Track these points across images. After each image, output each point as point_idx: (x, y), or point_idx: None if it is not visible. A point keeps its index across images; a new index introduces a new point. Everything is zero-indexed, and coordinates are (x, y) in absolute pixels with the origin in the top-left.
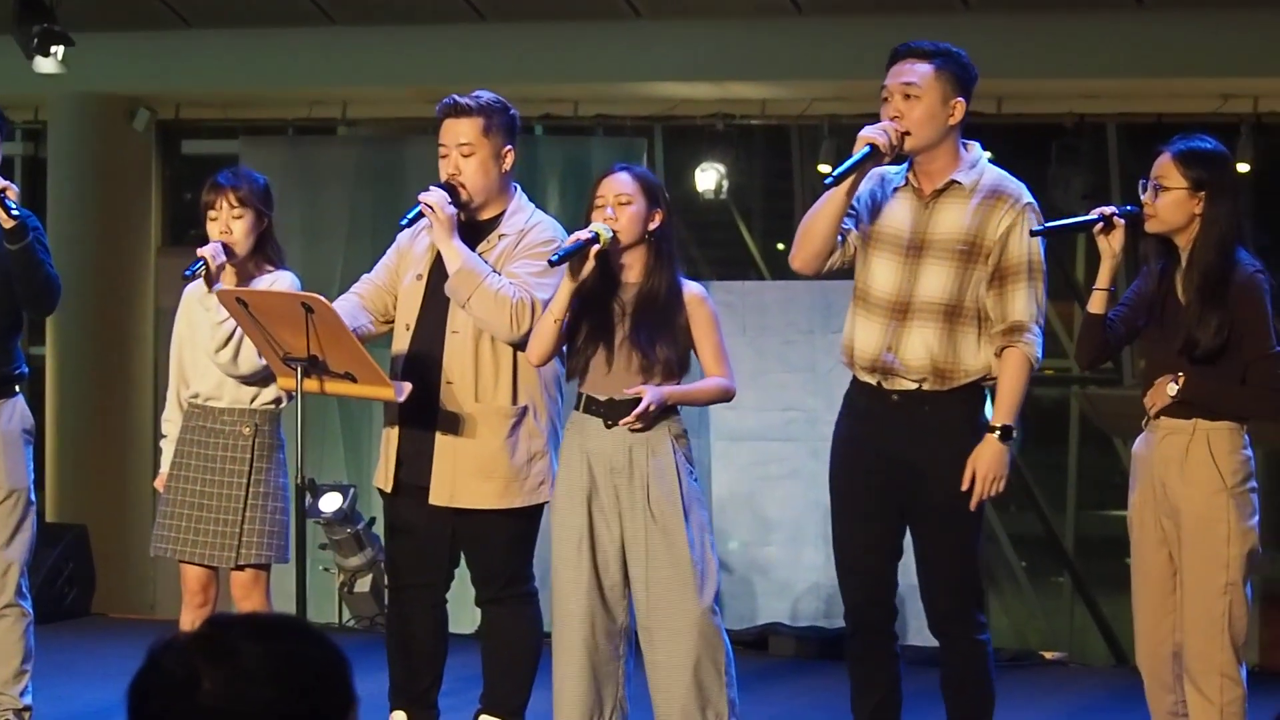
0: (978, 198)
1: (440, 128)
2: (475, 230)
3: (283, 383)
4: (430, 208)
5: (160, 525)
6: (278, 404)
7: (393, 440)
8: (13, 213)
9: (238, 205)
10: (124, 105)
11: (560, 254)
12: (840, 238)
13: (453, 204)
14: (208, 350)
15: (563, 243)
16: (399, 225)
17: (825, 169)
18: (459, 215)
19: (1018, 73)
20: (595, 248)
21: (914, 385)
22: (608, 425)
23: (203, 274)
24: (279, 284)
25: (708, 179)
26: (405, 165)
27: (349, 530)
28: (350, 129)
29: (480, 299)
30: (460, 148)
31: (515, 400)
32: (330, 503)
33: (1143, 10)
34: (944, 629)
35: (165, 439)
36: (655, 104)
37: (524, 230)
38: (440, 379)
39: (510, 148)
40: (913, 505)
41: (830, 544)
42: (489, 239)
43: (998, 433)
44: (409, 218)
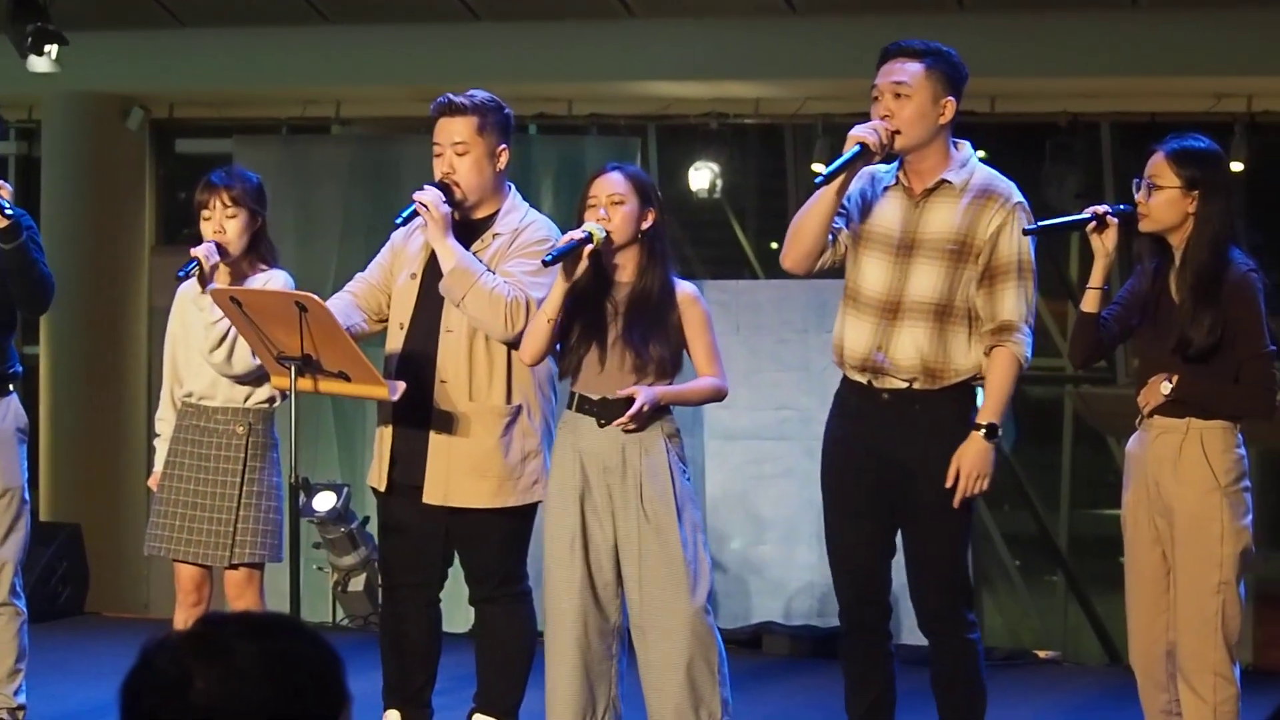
0: (968, 197)
1: (435, 126)
2: (470, 229)
3: (276, 381)
4: (425, 206)
5: (154, 524)
6: (271, 403)
7: (386, 439)
8: (6, 212)
9: (231, 204)
10: (118, 104)
11: (554, 254)
12: (831, 237)
13: (447, 203)
14: (202, 350)
15: (556, 242)
16: (394, 223)
17: (819, 168)
18: (453, 214)
19: (1012, 71)
20: (589, 248)
21: (904, 384)
22: (600, 424)
23: (196, 274)
24: (273, 283)
25: (702, 178)
26: (399, 164)
27: (343, 529)
28: (344, 128)
29: (475, 298)
30: (455, 146)
31: (509, 399)
32: (324, 502)
33: (1136, 9)
34: (934, 628)
35: (159, 438)
36: (649, 103)
37: (518, 229)
38: (434, 378)
39: (505, 147)
40: (903, 504)
41: (824, 543)
42: (483, 238)
43: (983, 431)
44: (404, 216)
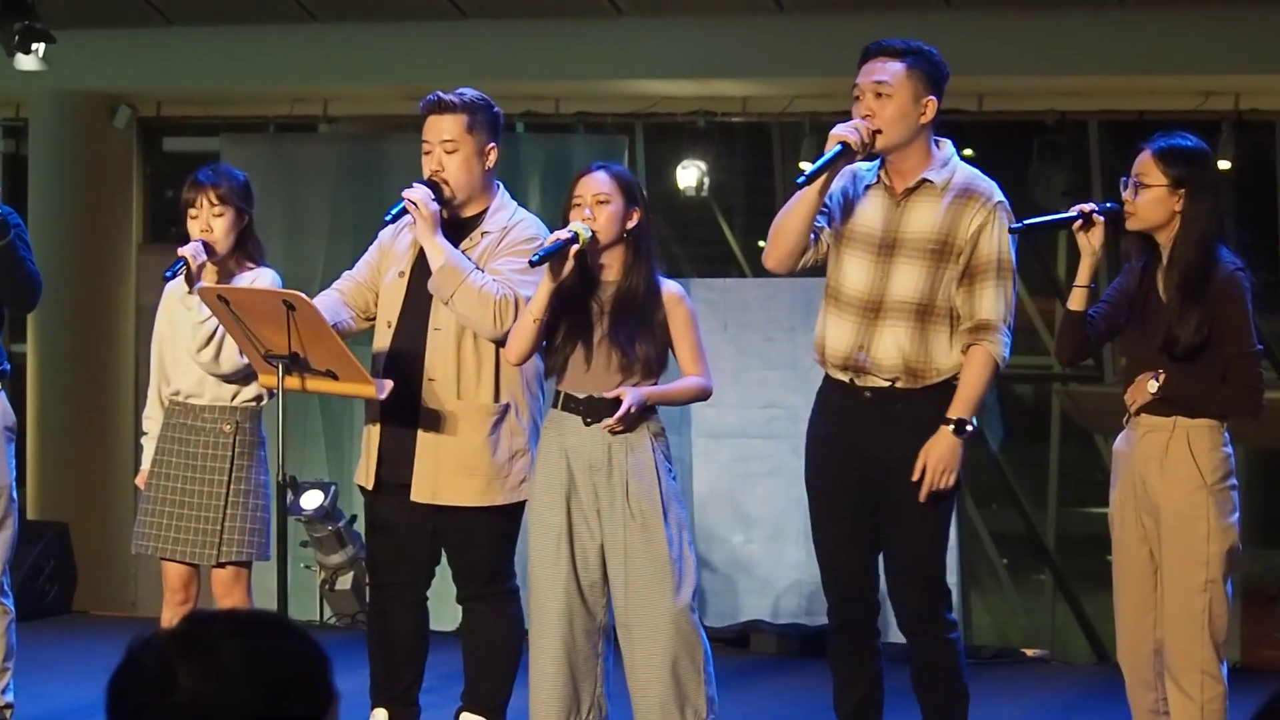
0: (949, 196)
1: (424, 124)
2: (458, 227)
3: (264, 380)
4: (414, 204)
5: (141, 523)
6: (259, 401)
7: (374, 437)
8: None
9: (218, 203)
10: (105, 102)
11: (540, 255)
12: (813, 236)
13: (436, 200)
14: (189, 349)
15: (543, 243)
16: (383, 221)
17: (806, 166)
18: (442, 212)
19: (999, 70)
20: (575, 248)
21: (886, 383)
22: (586, 423)
23: (184, 273)
24: (260, 281)
25: (689, 176)
26: (387, 163)
27: (330, 528)
28: (332, 126)
29: (463, 295)
30: (444, 144)
31: (497, 398)
32: (311, 500)
33: (1124, 8)
34: (915, 628)
35: (146, 436)
36: (636, 101)
37: (507, 228)
38: (422, 376)
39: (494, 145)
40: (885, 502)
41: (811, 541)
42: (472, 236)
43: (952, 426)
44: (393, 213)
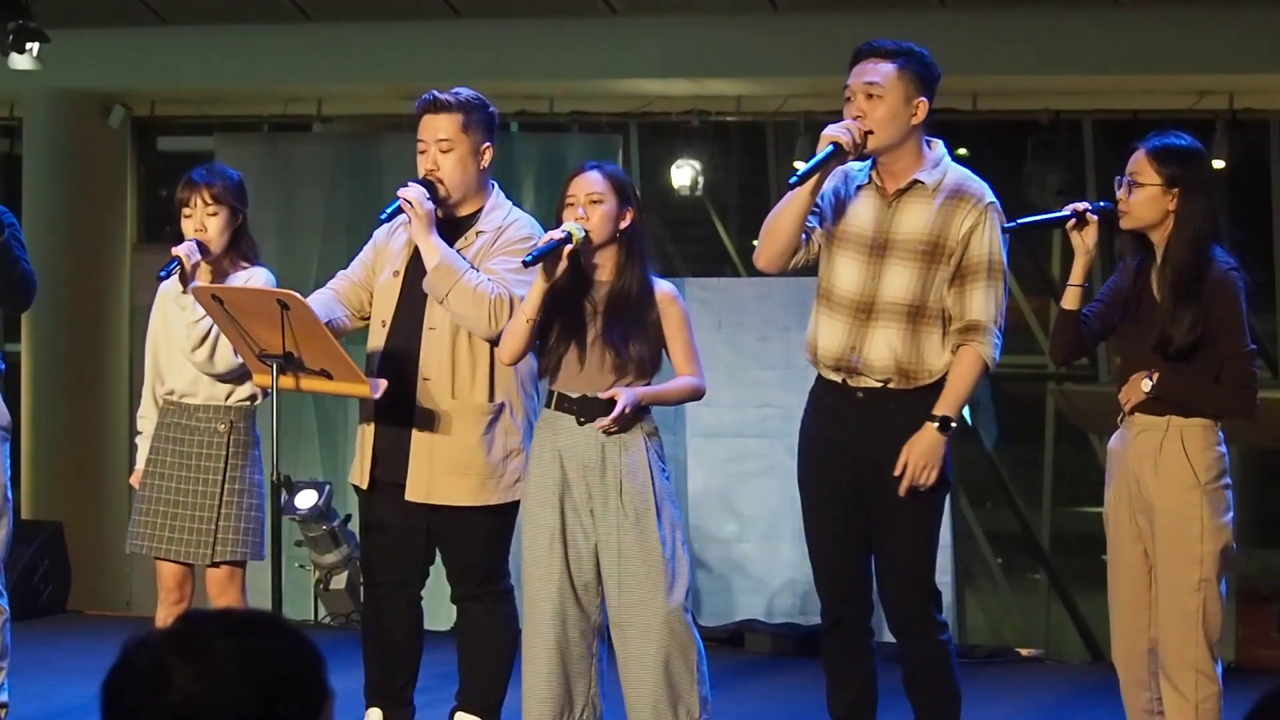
0: (940, 198)
1: (419, 123)
2: (453, 227)
3: (258, 379)
4: (409, 202)
5: (136, 522)
6: (253, 401)
7: (369, 437)
8: None
9: (212, 202)
10: (99, 102)
11: (533, 255)
12: (804, 236)
13: (431, 199)
14: (184, 348)
15: (537, 243)
16: (378, 219)
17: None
18: (437, 211)
19: (994, 69)
20: (568, 248)
21: (879, 384)
22: (580, 423)
23: (178, 273)
24: (254, 281)
25: (683, 175)
26: (381, 162)
27: (324, 527)
28: (326, 126)
29: (458, 295)
30: (439, 143)
31: (492, 397)
32: (306, 499)
33: (1119, 7)
34: (905, 629)
35: (140, 436)
36: (631, 101)
37: (502, 227)
38: (417, 375)
39: (489, 144)
40: (876, 503)
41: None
42: (466, 235)
43: (937, 423)
44: (388, 212)
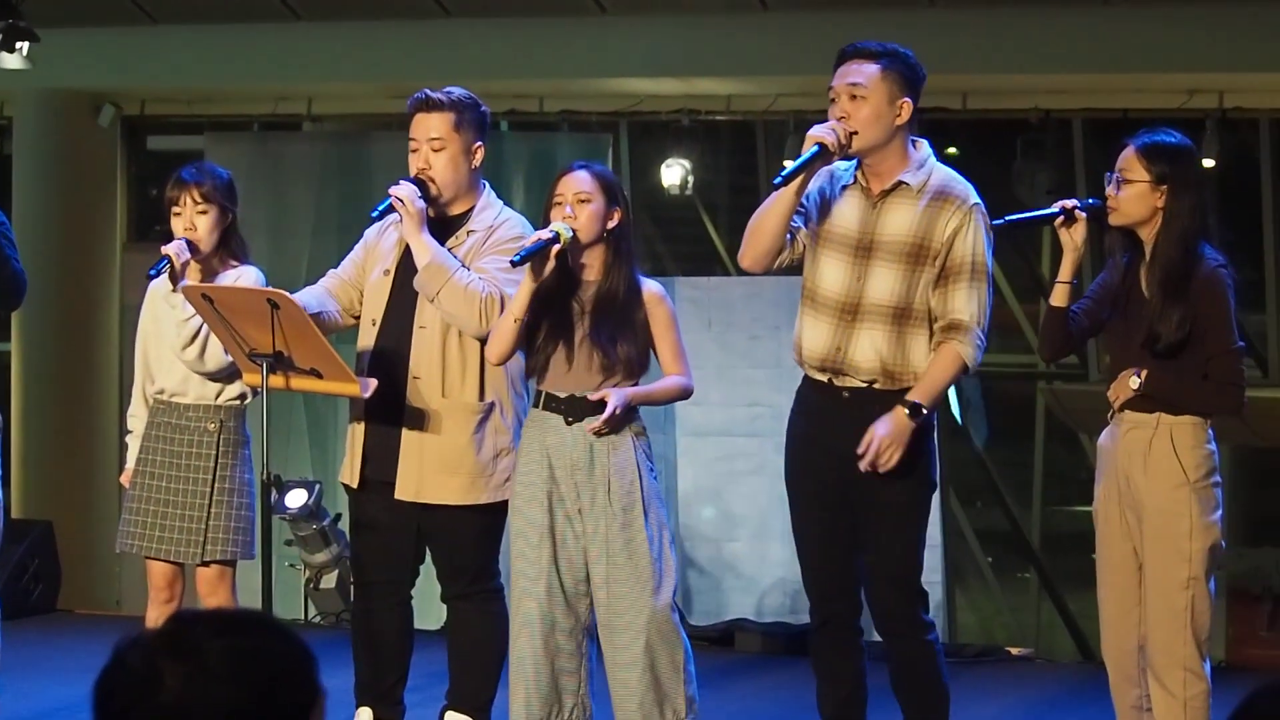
0: (925, 199)
1: (411, 122)
2: (444, 226)
3: (248, 379)
4: (400, 201)
5: (126, 521)
6: (243, 400)
7: (359, 436)
8: None
9: (202, 201)
10: (89, 101)
11: (521, 255)
12: (789, 236)
13: (422, 198)
14: (174, 347)
15: (525, 243)
16: (369, 218)
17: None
18: (428, 210)
19: (983, 68)
20: (556, 247)
21: (864, 384)
22: (568, 422)
23: (168, 271)
24: (244, 279)
25: (673, 174)
26: (371, 161)
27: (315, 526)
28: (316, 125)
29: (449, 293)
30: (431, 142)
31: (482, 396)
32: (296, 499)
33: (1109, 6)
34: (891, 629)
35: (131, 435)
36: (621, 100)
37: (492, 226)
38: (407, 374)
39: (480, 144)
40: (862, 503)
41: None
42: (458, 235)
43: (908, 409)
44: (379, 210)
